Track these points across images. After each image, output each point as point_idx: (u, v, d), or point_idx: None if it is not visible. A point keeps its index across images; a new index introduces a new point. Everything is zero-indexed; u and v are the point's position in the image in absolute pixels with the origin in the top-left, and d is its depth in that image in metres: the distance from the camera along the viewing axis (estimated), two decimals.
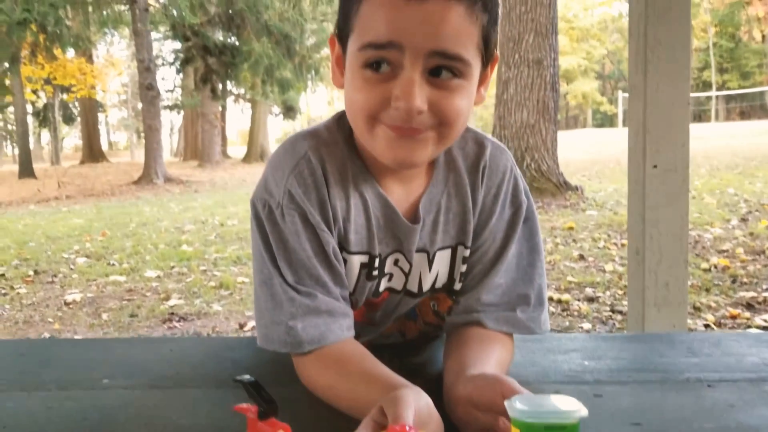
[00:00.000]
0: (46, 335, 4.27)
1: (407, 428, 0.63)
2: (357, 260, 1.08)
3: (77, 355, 1.27)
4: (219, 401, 1.02)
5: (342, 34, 1.00)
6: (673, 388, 1.05)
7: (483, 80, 1.02)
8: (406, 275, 1.13)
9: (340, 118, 1.09)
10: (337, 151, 1.06)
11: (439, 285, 1.16)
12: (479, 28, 0.94)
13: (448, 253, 1.13)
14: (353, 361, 0.99)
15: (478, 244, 1.13)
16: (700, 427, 0.90)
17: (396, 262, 1.12)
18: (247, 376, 0.64)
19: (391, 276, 1.13)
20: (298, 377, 1.05)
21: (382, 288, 1.14)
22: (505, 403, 0.72)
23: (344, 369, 0.98)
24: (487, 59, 1.00)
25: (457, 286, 1.15)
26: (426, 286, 1.15)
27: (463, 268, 1.14)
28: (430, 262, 1.13)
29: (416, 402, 0.79)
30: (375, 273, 1.11)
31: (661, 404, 0.99)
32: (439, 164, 1.10)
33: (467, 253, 1.13)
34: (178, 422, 0.94)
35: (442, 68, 0.92)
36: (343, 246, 1.07)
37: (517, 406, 0.69)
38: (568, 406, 0.69)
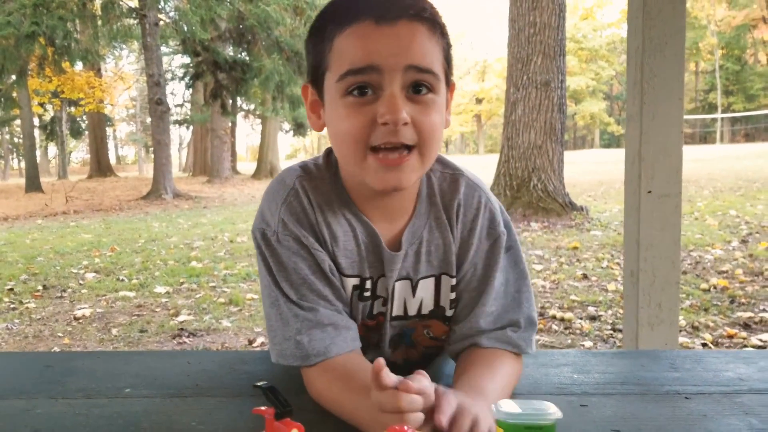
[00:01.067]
0: (57, 350, 4.35)
1: (406, 429, 0.72)
2: (350, 282, 1.18)
3: (99, 367, 1.35)
4: (235, 409, 1.11)
5: (316, 78, 1.09)
6: (653, 400, 1.13)
7: (447, 104, 1.11)
8: (391, 300, 1.21)
9: (328, 155, 1.19)
10: (323, 184, 1.16)
11: (425, 311, 1.23)
12: (441, 48, 1.06)
13: (432, 281, 1.21)
14: (357, 375, 1.06)
15: (461, 275, 1.20)
16: None
17: (386, 287, 1.20)
18: (264, 383, 0.73)
19: (384, 300, 1.21)
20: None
21: (375, 311, 1.22)
22: (492, 406, 0.81)
23: (349, 383, 1.04)
24: (447, 81, 1.10)
25: (449, 312, 1.23)
26: (411, 311, 1.23)
27: (452, 296, 1.22)
28: (414, 289, 1.21)
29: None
30: (367, 294, 1.19)
31: (641, 414, 1.07)
32: (422, 199, 1.18)
33: (453, 281, 1.21)
34: (197, 428, 1.03)
35: (420, 84, 1.02)
36: (337, 268, 1.17)
37: (501, 409, 0.80)
38: (546, 409, 0.79)
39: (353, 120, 1.02)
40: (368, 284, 1.18)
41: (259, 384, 0.72)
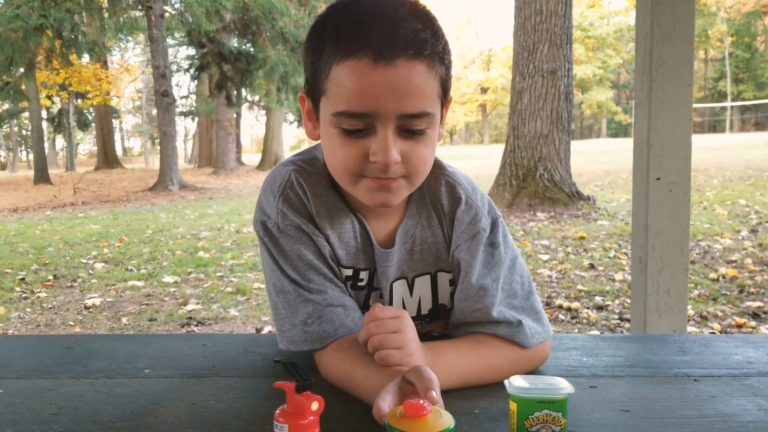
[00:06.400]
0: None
1: (422, 403, 0.73)
2: (344, 273, 1.21)
3: (119, 348, 1.38)
4: (252, 388, 1.14)
5: (313, 93, 1.10)
6: (662, 382, 1.15)
7: (441, 120, 1.12)
8: (390, 302, 1.23)
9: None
10: (318, 180, 1.18)
11: (424, 311, 1.26)
12: (439, 80, 1.05)
13: (427, 279, 1.24)
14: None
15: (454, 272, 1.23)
16: (683, 415, 1.00)
17: (379, 282, 1.22)
18: (285, 358, 0.75)
19: (381, 293, 1.23)
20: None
21: (372, 302, 1.24)
22: (504, 381, 0.83)
23: (361, 359, 1.06)
24: (443, 102, 1.11)
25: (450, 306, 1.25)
26: (411, 312, 1.24)
27: (452, 289, 1.24)
28: (411, 288, 1.24)
29: None
30: (361, 284, 1.22)
31: (650, 395, 1.09)
32: (414, 198, 1.21)
33: (450, 276, 1.24)
34: (216, 406, 1.05)
35: (413, 127, 1.03)
36: (334, 259, 1.19)
37: (515, 383, 0.81)
38: (558, 384, 0.81)
39: (346, 153, 1.04)
40: (362, 275, 1.21)
41: (279, 359, 0.75)
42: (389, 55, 0.98)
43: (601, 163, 18.47)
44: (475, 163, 19.98)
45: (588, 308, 4.52)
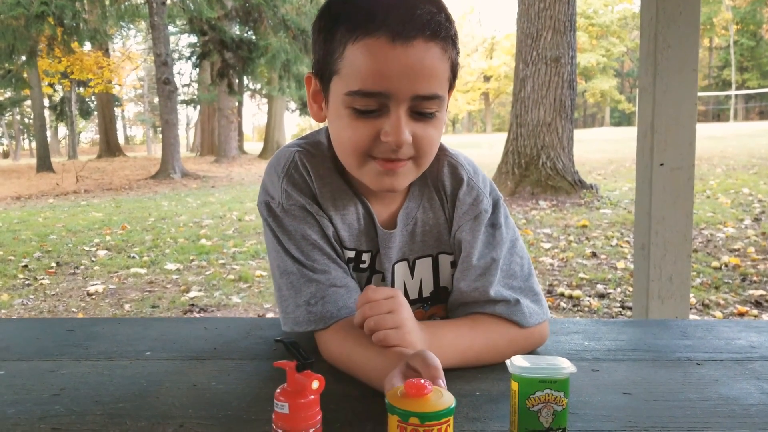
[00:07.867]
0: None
1: (422, 382, 0.73)
2: (347, 254, 1.21)
3: (120, 331, 1.38)
4: (252, 370, 1.14)
5: (322, 73, 1.09)
6: (665, 366, 1.15)
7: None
8: (392, 284, 1.23)
9: (329, 137, 1.20)
10: (322, 162, 1.18)
11: (426, 293, 1.26)
12: (450, 64, 1.06)
13: (429, 261, 1.24)
14: None
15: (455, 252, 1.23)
16: (685, 398, 1.00)
17: (383, 264, 1.22)
18: (286, 337, 0.75)
19: (383, 276, 1.23)
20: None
21: (374, 284, 1.23)
22: (506, 361, 0.83)
23: (361, 339, 1.06)
24: (451, 86, 1.11)
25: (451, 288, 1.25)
26: (412, 294, 1.25)
27: (452, 272, 1.23)
28: (412, 270, 1.24)
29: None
30: (363, 266, 1.22)
31: (652, 378, 1.09)
32: (415, 181, 1.20)
33: (452, 258, 1.24)
34: (216, 387, 1.05)
35: (425, 109, 1.04)
36: (338, 240, 1.19)
37: (516, 363, 0.81)
38: (560, 364, 0.80)
39: (357, 132, 1.05)
40: (364, 257, 1.21)
41: (280, 339, 0.74)
42: (407, 36, 0.98)
43: (604, 151, 18.42)
44: (477, 151, 19.93)
45: (590, 296, 4.52)
